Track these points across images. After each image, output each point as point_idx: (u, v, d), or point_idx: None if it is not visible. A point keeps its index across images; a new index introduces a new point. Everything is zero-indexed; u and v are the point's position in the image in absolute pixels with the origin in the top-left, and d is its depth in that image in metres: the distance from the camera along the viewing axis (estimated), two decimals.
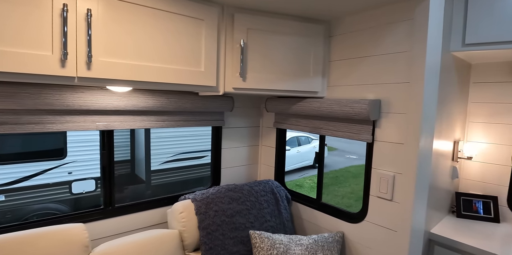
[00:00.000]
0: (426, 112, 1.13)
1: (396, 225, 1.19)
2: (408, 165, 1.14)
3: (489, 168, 1.73)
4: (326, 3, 1.21)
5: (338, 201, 5.57)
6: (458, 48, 1.46)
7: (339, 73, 1.41)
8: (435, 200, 1.55)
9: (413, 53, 1.13)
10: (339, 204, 5.39)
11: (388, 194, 1.21)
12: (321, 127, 1.45)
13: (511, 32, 1.33)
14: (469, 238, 1.42)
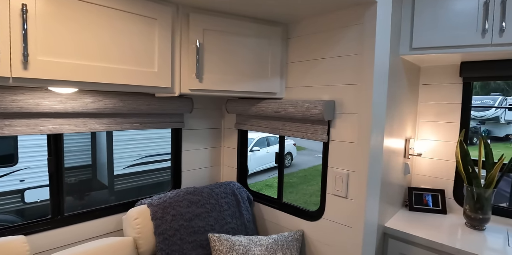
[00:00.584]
0: (376, 112, 1.18)
1: (350, 221, 1.23)
2: (360, 163, 1.18)
3: (437, 164, 1.86)
4: (281, 7, 1.22)
5: (306, 199, 5.69)
6: (406, 52, 1.55)
7: (297, 74, 1.43)
8: (389, 195, 1.63)
9: (363, 56, 1.18)
10: (308, 202, 5.51)
11: (343, 192, 1.25)
12: (280, 128, 1.46)
13: (453, 37, 1.44)
14: (419, 230, 1.51)
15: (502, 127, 15.37)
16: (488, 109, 15.29)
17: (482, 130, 15.56)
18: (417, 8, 1.52)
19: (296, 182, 6.74)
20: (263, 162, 7.20)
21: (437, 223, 1.61)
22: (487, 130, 15.60)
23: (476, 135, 15.00)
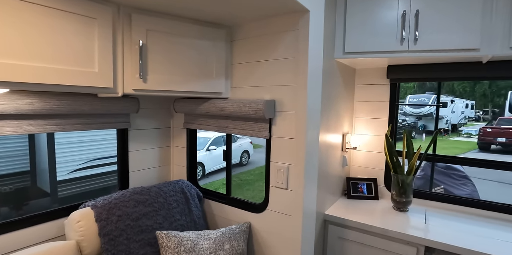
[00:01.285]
0: (311, 110, 1.30)
1: (291, 210, 1.34)
2: (298, 157, 1.30)
3: (371, 156, 2.08)
4: (223, 12, 1.28)
5: (262, 196, 5.85)
6: (340, 56, 1.72)
7: (241, 75, 1.51)
8: (329, 185, 1.79)
9: (298, 59, 1.29)
10: (263, 198, 5.67)
11: (284, 184, 1.36)
12: (226, 126, 1.53)
13: (378, 44, 1.63)
14: (354, 215, 1.69)
15: None
16: (424, 105, 17.08)
17: (419, 125, 17.35)
18: (348, 17, 1.68)
19: (253, 180, 6.87)
20: (220, 161, 7.21)
21: (369, 208, 1.82)
22: (423, 125, 17.41)
23: (415, 129, 16.60)
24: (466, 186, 4.10)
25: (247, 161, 8.29)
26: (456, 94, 21.92)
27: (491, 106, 22.09)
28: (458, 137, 16.16)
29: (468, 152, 12.00)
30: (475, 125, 18.06)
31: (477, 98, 22.64)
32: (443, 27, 1.51)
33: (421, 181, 4.25)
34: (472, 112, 21.50)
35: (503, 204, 1.74)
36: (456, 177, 4.19)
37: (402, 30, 1.57)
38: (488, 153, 11.91)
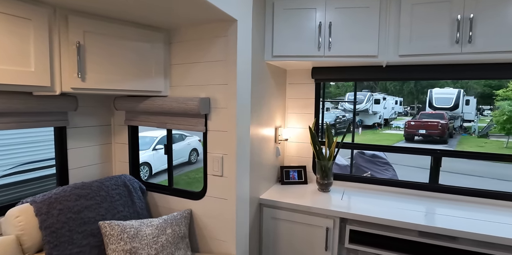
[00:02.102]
0: (241, 107, 1.50)
1: (226, 195, 1.53)
2: (231, 147, 1.49)
3: (301, 146, 2.37)
4: (158, 17, 1.40)
5: None
6: (270, 58, 1.95)
7: (179, 74, 1.64)
8: (264, 173, 2.02)
9: (229, 62, 1.47)
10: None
11: (219, 172, 1.54)
12: (166, 122, 1.65)
13: (301, 49, 1.89)
14: (286, 198, 1.95)
15: (371, 117, 19.11)
16: (361, 102, 18.76)
17: (358, 120, 19.01)
18: (275, 25, 1.91)
19: (202, 177, 6.91)
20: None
21: (299, 191, 2.10)
22: (360, 120, 19.12)
23: (352, 124, 18.16)
24: (388, 171, 4.76)
25: (196, 159, 8.28)
26: (388, 92, 24.48)
27: (417, 102, 25.14)
28: (390, 130, 18.09)
29: (397, 143, 13.56)
30: (403, 119, 20.27)
31: (405, 96, 25.55)
32: (350, 37, 1.82)
33: (354, 169, 4.81)
34: (401, 108, 24.24)
35: (406, 181, 2.15)
36: (380, 164, 4.83)
37: (319, 38, 1.85)
38: (412, 143, 13.62)
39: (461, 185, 2.11)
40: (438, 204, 1.91)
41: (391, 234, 1.67)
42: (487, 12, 1.59)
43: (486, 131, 15.07)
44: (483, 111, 22.33)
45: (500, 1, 1.57)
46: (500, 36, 1.58)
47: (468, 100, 18.72)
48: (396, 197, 2.03)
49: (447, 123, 14.07)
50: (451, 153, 2.24)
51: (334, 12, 1.82)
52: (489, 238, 1.49)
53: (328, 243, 1.78)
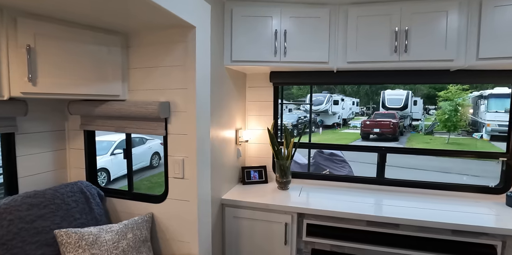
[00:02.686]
0: (200, 110, 1.55)
1: (188, 196, 1.57)
2: (191, 150, 1.53)
3: (261, 147, 2.47)
4: (115, 21, 1.40)
5: None
6: (229, 63, 2.01)
7: (138, 79, 1.64)
8: (225, 174, 2.08)
9: (187, 67, 1.51)
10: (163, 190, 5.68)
11: (181, 174, 1.57)
12: (125, 126, 1.64)
13: (259, 54, 1.97)
14: (247, 197, 2.02)
15: (331, 117, 20.02)
16: (321, 103, 19.60)
17: (318, 120, 19.81)
18: (234, 32, 1.98)
19: (162, 182, 6.75)
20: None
21: (260, 190, 2.19)
22: (321, 120, 19.95)
23: (314, 124, 18.85)
24: (344, 168, 5.06)
25: (158, 163, 8.06)
26: (346, 94, 25.81)
27: (372, 103, 26.80)
28: (348, 129, 19.08)
29: (354, 141, 14.38)
30: (360, 119, 21.46)
31: (361, 97, 27.12)
32: (304, 44, 1.96)
33: (313, 167, 5.05)
34: (358, 108, 25.70)
35: (357, 176, 2.34)
36: (337, 161, 5.12)
37: (275, 44, 1.96)
38: (368, 141, 14.53)
39: (408, 178, 2.35)
40: (384, 196, 2.12)
41: (343, 225, 1.82)
42: (419, 26, 1.82)
43: (431, 129, 16.57)
44: (429, 110, 24.41)
45: (430, 17, 1.80)
46: (430, 46, 1.81)
47: (416, 101, 20.46)
48: (348, 191, 2.21)
49: (397, 122, 15.24)
50: (393, 150, 2.49)
51: (289, 21, 1.94)
52: (426, 223, 1.70)
53: (287, 238, 1.89)
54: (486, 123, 13.26)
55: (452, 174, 8.11)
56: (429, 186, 2.22)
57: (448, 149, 10.62)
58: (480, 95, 14.75)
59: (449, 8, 1.77)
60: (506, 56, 1.69)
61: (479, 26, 1.74)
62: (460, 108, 14.18)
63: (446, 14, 1.77)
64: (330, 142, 12.39)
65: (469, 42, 1.77)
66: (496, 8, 1.69)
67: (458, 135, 14.88)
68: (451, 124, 14.07)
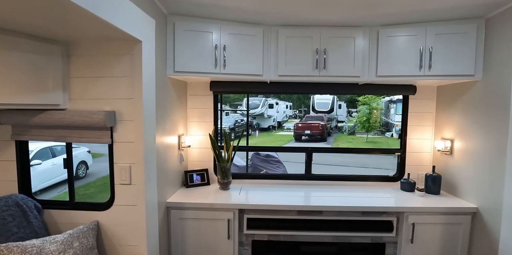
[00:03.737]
0: (147, 118, 1.65)
1: (135, 201, 1.64)
2: (138, 157, 1.62)
3: (203, 151, 2.62)
4: (51, 29, 1.41)
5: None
6: (172, 73, 2.12)
7: (81, 88, 1.65)
8: (169, 179, 2.18)
9: (134, 78, 1.60)
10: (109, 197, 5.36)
11: (128, 180, 1.64)
12: (66, 136, 1.63)
13: (200, 66, 2.13)
14: (190, 199, 2.15)
15: (266, 120, 20.91)
16: (257, 107, 20.34)
17: (255, 123, 20.49)
18: (177, 44, 2.09)
19: (94, 192, 6.24)
20: (50, 177, 6.16)
21: (203, 192, 2.34)
22: (257, 123, 20.67)
23: (250, 127, 19.45)
24: (279, 168, 5.48)
25: (85, 173, 7.39)
26: (280, 98, 27.23)
27: (303, 106, 28.79)
28: (282, 131, 20.18)
29: (288, 143, 15.32)
30: (293, 121, 22.85)
31: (294, 101, 28.92)
32: (241, 58, 2.19)
33: (251, 169, 5.34)
34: (291, 111, 27.35)
35: (289, 174, 2.66)
36: (273, 162, 5.51)
37: (215, 58, 2.14)
38: (300, 142, 15.65)
39: (333, 173, 2.77)
40: (311, 189, 2.48)
41: (278, 216, 2.10)
42: (334, 47, 2.21)
43: (353, 129, 18.66)
44: (351, 113, 27.27)
45: (342, 41, 2.21)
46: (343, 65, 2.22)
47: (340, 105, 22.79)
48: (282, 187, 2.52)
49: (325, 124, 16.78)
50: (318, 150, 2.89)
51: (227, 37, 2.15)
52: (343, 208, 2.08)
53: (230, 232, 2.08)
54: (395, 124, 15.60)
55: (369, 169, 9.36)
56: (346, 179, 2.67)
57: (357, 147, 12.11)
58: (390, 100, 17.27)
59: (356, 35, 2.20)
60: (396, 75, 2.19)
61: (377, 51, 2.21)
62: (375, 111, 16.33)
63: (354, 40, 2.21)
64: (266, 144, 13.01)
65: (371, 63, 2.23)
66: (389, 38, 2.18)
67: (374, 134, 17.10)
68: (369, 125, 16.12)
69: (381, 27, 2.19)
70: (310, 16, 2.09)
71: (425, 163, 2.63)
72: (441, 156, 2.51)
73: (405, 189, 2.45)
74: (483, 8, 1.91)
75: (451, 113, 2.39)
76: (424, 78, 2.16)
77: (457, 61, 2.08)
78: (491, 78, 1.97)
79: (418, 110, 2.63)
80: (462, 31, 2.07)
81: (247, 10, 1.99)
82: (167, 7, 1.98)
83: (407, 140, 2.65)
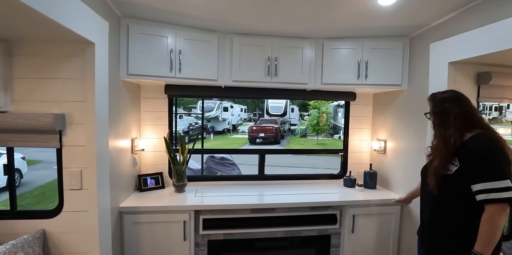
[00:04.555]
0: (100, 122, 1.62)
1: (87, 207, 1.60)
2: (90, 161, 1.59)
3: (157, 155, 2.61)
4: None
5: None
6: (125, 76, 2.09)
7: (25, 89, 1.57)
8: (122, 183, 2.14)
9: (86, 80, 1.57)
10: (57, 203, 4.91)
11: (78, 185, 1.59)
12: (7, 140, 1.54)
13: (156, 70, 2.13)
14: (145, 202, 2.14)
15: (221, 123, 20.87)
16: (211, 110, 20.21)
17: (209, 126, 20.31)
18: (131, 47, 2.06)
19: (31, 203, 5.63)
20: None
21: (157, 195, 2.33)
22: (212, 126, 20.53)
23: (205, 130, 19.23)
24: (234, 170, 5.57)
25: (19, 182, 6.64)
26: (235, 101, 27.38)
27: (258, 110, 29.29)
28: (237, 134, 20.32)
29: (243, 145, 15.50)
30: (248, 124, 23.14)
31: (249, 104, 29.29)
32: (197, 64, 2.25)
33: (206, 172, 5.35)
34: (246, 114, 27.66)
35: (243, 175, 2.76)
36: (227, 165, 5.59)
37: (171, 62, 2.17)
38: (255, 145, 15.93)
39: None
40: (264, 188, 2.62)
41: (233, 215, 2.19)
42: (285, 56, 2.39)
43: (305, 132, 19.56)
44: (303, 116, 28.49)
45: (292, 50, 2.39)
46: (292, 72, 2.41)
47: (293, 108, 23.71)
48: (236, 188, 2.61)
49: (279, 127, 17.34)
50: (270, 151, 3.06)
51: (183, 42, 2.19)
52: (293, 204, 2.24)
53: (186, 234, 2.12)
54: (342, 127, 16.75)
55: (319, 169, 9.92)
56: (297, 178, 2.87)
57: (307, 148, 12.73)
58: (338, 105, 18.50)
59: (304, 46, 2.41)
60: (338, 83, 2.44)
61: (322, 61, 2.44)
62: (324, 115, 17.35)
63: (302, 50, 2.41)
64: (221, 147, 13.00)
65: (317, 71, 2.45)
66: (332, 49, 2.43)
67: (324, 137, 18.14)
68: (319, 128, 17.06)
69: (326, 40, 2.43)
70: (262, 28, 2.24)
71: (364, 162, 2.95)
72: (376, 155, 2.84)
73: (347, 185, 2.72)
74: (408, 28, 2.25)
75: (384, 117, 2.73)
76: (361, 87, 2.44)
77: (387, 72, 2.41)
78: (414, 88, 2.32)
79: (357, 115, 2.94)
80: (391, 47, 2.40)
81: (202, 17, 2.06)
82: (121, 9, 1.96)
83: (349, 141, 2.95)
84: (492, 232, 1.22)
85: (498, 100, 2.10)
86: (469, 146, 1.33)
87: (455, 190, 1.35)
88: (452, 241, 1.37)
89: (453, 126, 1.37)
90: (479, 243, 1.25)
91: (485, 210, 1.25)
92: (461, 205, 1.34)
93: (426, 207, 1.55)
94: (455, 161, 1.36)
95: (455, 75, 1.98)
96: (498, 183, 1.22)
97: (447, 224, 1.39)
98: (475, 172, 1.27)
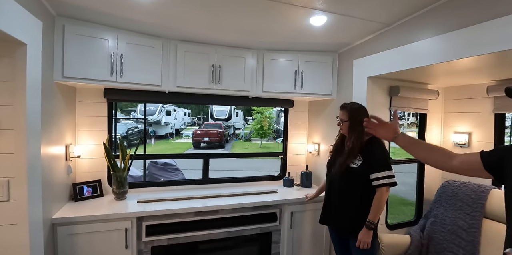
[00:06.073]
0: (31, 127, 1.53)
1: (15, 219, 1.48)
2: (20, 170, 1.48)
3: (95, 162, 2.49)
4: None
5: None
6: (59, 79, 1.98)
7: None
8: (55, 193, 2.00)
9: (15, 83, 1.47)
10: None
11: (5, 196, 1.47)
12: None
13: (95, 73, 2.05)
14: (82, 212, 2.03)
15: (163, 127, 20.06)
16: (153, 113, 19.29)
17: (150, 131, 19.35)
18: (66, 49, 1.95)
19: None
20: None
21: (96, 204, 2.22)
22: (153, 130, 19.60)
23: (147, 135, 18.28)
24: (178, 175, 5.48)
25: None
26: (178, 104, 26.59)
27: (202, 114, 28.87)
28: (181, 139, 19.76)
29: (187, 150, 15.15)
30: (192, 129, 22.67)
31: (193, 108, 28.68)
32: (140, 68, 2.22)
33: (148, 178, 5.16)
34: (190, 118, 27.04)
35: (187, 180, 2.78)
36: (171, 170, 5.48)
37: (111, 66, 2.12)
38: (199, 150, 15.69)
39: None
40: (208, 192, 2.68)
41: (176, 220, 2.21)
42: (228, 65, 2.51)
43: (249, 136, 19.95)
44: (247, 121, 28.98)
45: (235, 59, 2.53)
46: (235, 80, 2.54)
47: (237, 113, 23.99)
48: (180, 192, 2.63)
49: (223, 131, 17.39)
50: (214, 155, 3.14)
51: (125, 46, 2.16)
52: (235, 205, 2.36)
53: (128, 242, 2.06)
54: None
55: (263, 172, 10.25)
56: (240, 180, 3.00)
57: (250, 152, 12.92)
58: (280, 109, 19.32)
59: (246, 55, 2.57)
60: (277, 91, 2.65)
61: (263, 70, 2.63)
62: (268, 119, 17.95)
63: (245, 59, 2.57)
64: (164, 153, 12.53)
65: (258, 80, 2.63)
66: (272, 60, 2.64)
67: (268, 140, 18.74)
68: (262, 132, 17.58)
69: (267, 51, 2.63)
70: (207, 37, 2.34)
71: (301, 163, 3.22)
72: (312, 157, 3.13)
73: (286, 185, 2.95)
74: (336, 45, 2.58)
75: (318, 123, 3.04)
76: (298, 95, 2.70)
77: (320, 83, 2.70)
78: (342, 97, 2.65)
79: (295, 120, 3.21)
80: (323, 61, 2.70)
81: (146, 22, 2.07)
82: (56, 8, 1.87)
83: (288, 145, 3.19)
84: (381, 206, 1.78)
85: (405, 109, 2.53)
86: (368, 147, 1.86)
87: (357, 178, 1.87)
88: (354, 211, 1.88)
89: (361, 131, 1.83)
90: (372, 214, 1.78)
91: (377, 191, 1.80)
92: (360, 187, 1.87)
93: (333, 191, 2.01)
94: (359, 157, 1.87)
95: (373, 87, 2.33)
96: (387, 173, 1.78)
97: (351, 201, 1.90)
98: (373, 165, 1.82)
